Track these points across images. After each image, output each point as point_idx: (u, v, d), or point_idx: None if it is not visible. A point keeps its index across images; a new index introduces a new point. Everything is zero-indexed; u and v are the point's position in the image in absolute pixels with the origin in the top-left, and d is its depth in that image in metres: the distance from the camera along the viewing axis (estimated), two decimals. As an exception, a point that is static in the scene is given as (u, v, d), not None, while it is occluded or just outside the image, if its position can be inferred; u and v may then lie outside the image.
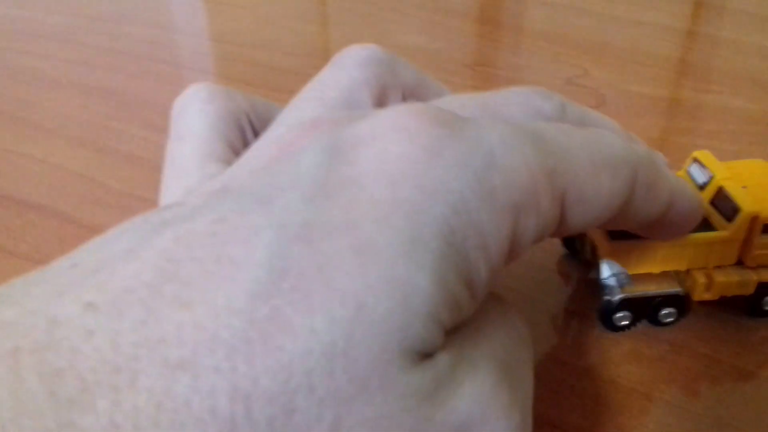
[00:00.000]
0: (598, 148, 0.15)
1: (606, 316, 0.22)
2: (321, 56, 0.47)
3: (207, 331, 0.10)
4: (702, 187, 0.23)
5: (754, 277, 0.22)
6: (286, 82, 0.43)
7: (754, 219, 0.21)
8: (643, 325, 0.23)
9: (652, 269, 0.22)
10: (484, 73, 0.44)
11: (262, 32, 0.51)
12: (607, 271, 0.22)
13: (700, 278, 0.22)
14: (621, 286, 0.22)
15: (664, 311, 0.22)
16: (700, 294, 0.22)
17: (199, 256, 0.11)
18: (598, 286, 0.22)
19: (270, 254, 0.11)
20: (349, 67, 0.19)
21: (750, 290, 0.22)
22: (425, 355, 0.11)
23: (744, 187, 0.22)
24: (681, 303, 0.22)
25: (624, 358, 0.22)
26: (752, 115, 0.38)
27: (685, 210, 0.19)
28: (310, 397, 0.10)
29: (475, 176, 0.12)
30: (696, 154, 0.24)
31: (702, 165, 0.24)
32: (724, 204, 0.22)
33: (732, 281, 0.22)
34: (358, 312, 0.10)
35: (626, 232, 0.21)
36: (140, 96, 0.41)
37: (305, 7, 0.57)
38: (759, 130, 0.36)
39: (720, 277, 0.22)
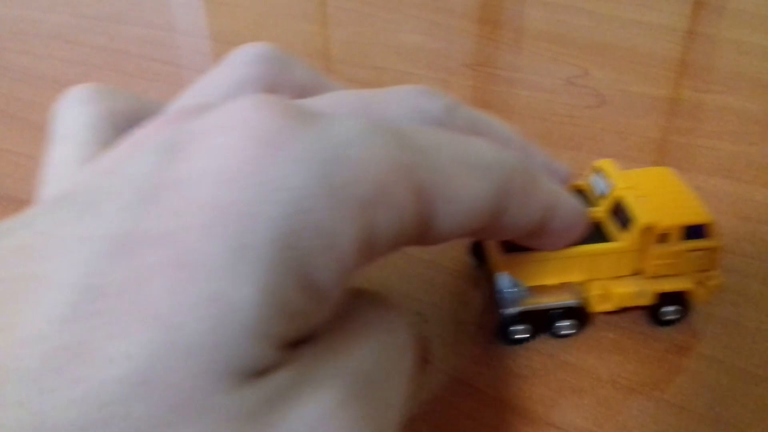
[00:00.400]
0: (466, 150, 0.15)
1: (502, 329, 0.22)
2: (321, 56, 0.47)
3: (9, 361, 0.09)
4: (602, 198, 0.23)
5: (652, 288, 0.22)
6: (286, 82, 0.43)
7: (648, 229, 0.21)
8: (542, 337, 0.22)
9: (549, 281, 0.22)
10: (484, 73, 0.44)
11: (261, 32, 0.51)
12: (502, 283, 0.22)
13: (597, 289, 0.22)
14: (517, 298, 0.21)
15: (562, 323, 0.22)
16: (597, 305, 0.22)
17: (5, 276, 0.10)
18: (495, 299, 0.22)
19: (84, 271, 0.10)
20: (237, 64, 0.18)
21: (649, 301, 0.22)
22: (259, 373, 0.10)
23: (643, 196, 0.22)
24: (579, 315, 0.22)
25: (624, 359, 0.22)
26: (752, 115, 0.38)
27: (566, 220, 0.19)
28: (124, 426, 0.09)
29: (320, 171, 0.11)
30: (598, 163, 0.24)
31: (603, 175, 0.23)
32: (620, 214, 0.22)
33: (629, 292, 0.22)
34: (172, 334, 0.10)
35: (512, 245, 0.21)
36: (141, 96, 0.41)
37: (305, 6, 0.57)
38: (759, 130, 0.36)
39: (617, 288, 0.22)
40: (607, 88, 0.41)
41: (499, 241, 0.22)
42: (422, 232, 0.14)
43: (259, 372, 0.10)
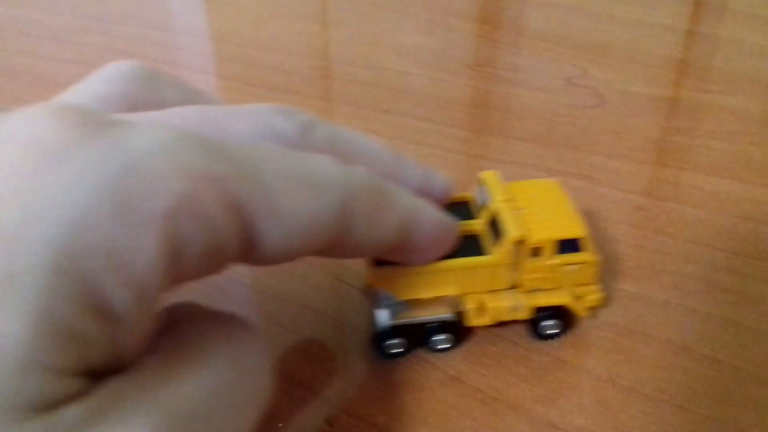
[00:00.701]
0: (301, 167, 0.15)
1: (376, 343, 0.22)
2: (321, 56, 0.47)
3: None
4: (484, 210, 0.23)
5: (529, 302, 0.22)
6: (287, 82, 0.43)
7: (519, 243, 0.21)
8: (420, 351, 0.22)
9: (424, 294, 0.21)
10: (483, 73, 0.44)
11: (262, 32, 0.51)
12: (376, 297, 0.21)
13: (472, 303, 0.22)
14: (392, 312, 0.21)
15: (438, 337, 0.22)
16: (473, 319, 0.22)
17: None
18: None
19: None
20: (98, 81, 0.18)
21: (526, 315, 0.22)
22: (52, 405, 0.10)
23: (521, 209, 0.22)
24: (454, 329, 0.22)
25: (624, 359, 0.22)
26: (752, 115, 0.38)
27: (428, 234, 0.19)
28: None
29: (107, 185, 0.11)
30: (481, 174, 0.24)
31: (484, 187, 0.23)
32: (496, 227, 0.22)
33: (505, 306, 0.22)
34: None
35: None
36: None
37: (305, 7, 0.57)
38: (759, 130, 0.36)
39: (492, 302, 0.22)
40: (607, 88, 0.41)
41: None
42: (247, 249, 0.14)
43: (51, 404, 0.10)
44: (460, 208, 0.23)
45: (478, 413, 0.20)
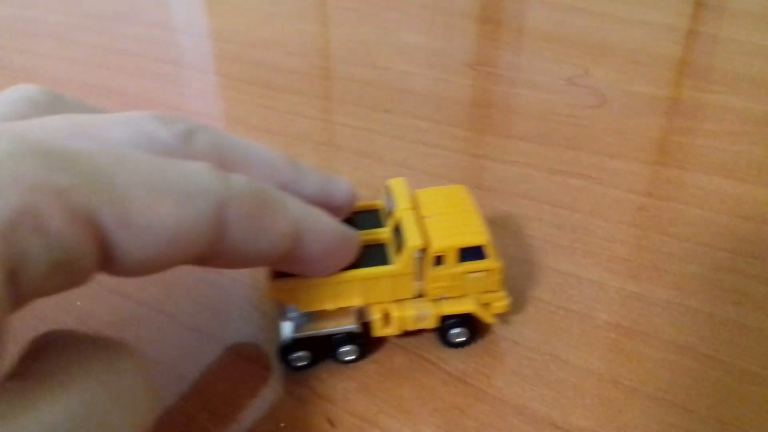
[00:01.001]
0: (166, 175, 0.14)
1: (281, 356, 0.21)
2: (321, 56, 0.47)
3: None
4: (389, 218, 0.22)
5: (434, 311, 0.21)
6: (287, 82, 0.43)
7: (420, 252, 0.21)
8: (326, 363, 0.22)
9: (328, 306, 0.21)
10: (484, 73, 0.44)
11: (262, 31, 0.51)
12: (280, 310, 0.21)
13: (376, 314, 0.21)
14: (296, 325, 0.21)
15: (344, 349, 0.21)
16: (379, 330, 0.21)
17: None
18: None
19: None
20: None
21: (433, 324, 0.22)
22: None
23: (425, 217, 0.22)
24: (360, 340, 0.21)
25: (626, 359, 0.22)
26: (753, 114, 0.38)
27: (321, 244, 0.18)
28: None
29: None
30: (389, 182, 0.23)
31: (391, 194, 0.23)
32: (399, 236, 0.21)
33: (410, 315, 0.21)
34: None
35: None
36: (141, 95, 0.41)
37: (306, 6, 0.57)
38: (760, 129, 0.36)
39: (397, 312, 0.21)
40: (608, 88, 0.41)
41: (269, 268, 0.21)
42: (104, 261, 0.13)
43: None
44: (370, 216, 0.23)
45: (481, 413, 0.20)
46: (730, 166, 0.33)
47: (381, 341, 0.22)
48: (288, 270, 0.20)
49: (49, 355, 0.13)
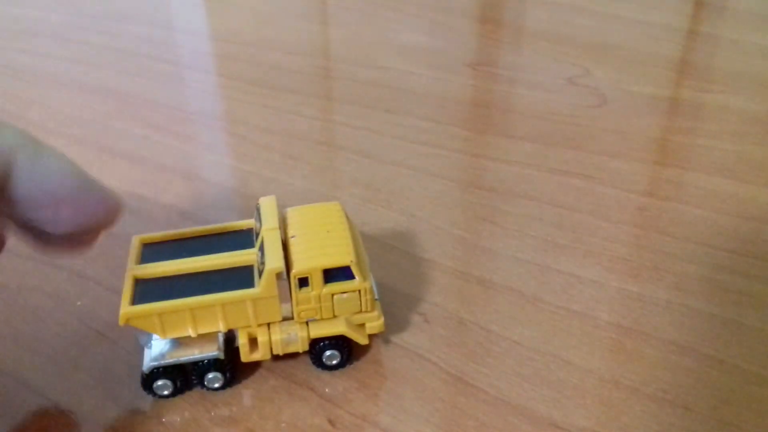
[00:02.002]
0: None
1: (144, 385, 0.20)
2: (321, 55, 0.47)
3: None
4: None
5: (303, 334, 0.21)
6: (287, 81, 0.43)
7: (279, 275, 0.20)
8: (197, 391, 0.21)
9: (189, 332, 0.20)
10: (484, 73, 0.44)
11: (262, 31, 0.51)
12: (141, 338, 0.21)
13: (242, 338, 0.21)
14: (159, 353, 0.20)
15: (210, 376, 0.20)
16: (246, 355, 0.21)
17: None
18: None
19: None
20: None
21: (303, 347, 0.21)
22: None
23: (293, 236, 0.21)
24: (226, 366, 0.20)
25: (627, 359, 0.22)
26: (754, 114, 0.38)
27: (41, 184, 0.16)
28: None
29: None
30: (260, 200, 0.23)
31: (259, 213, 0.22)
32: (262, 258, 0.20)
33: (276, 340, 0.21)
34: None
35: (157, 290, 0.20)
36: (141, 95, 0.41)
37: (306, 5, 0.57)
38: (761, 129, 0.36)
39: (262, 337, 0.21)
40: (609, 88, 0.41)
41: (126, 292, 0.20)
42: None
43: None
44: (242, 237, 0.22)
45: (482, 413, 0.20)
46: (730, 166, 0.33)
47: (290, 357, 0.22)
48: (16, 219, 0.17)
49: None
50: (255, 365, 0.22)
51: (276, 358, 0.21)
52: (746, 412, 0.20)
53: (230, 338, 0.21)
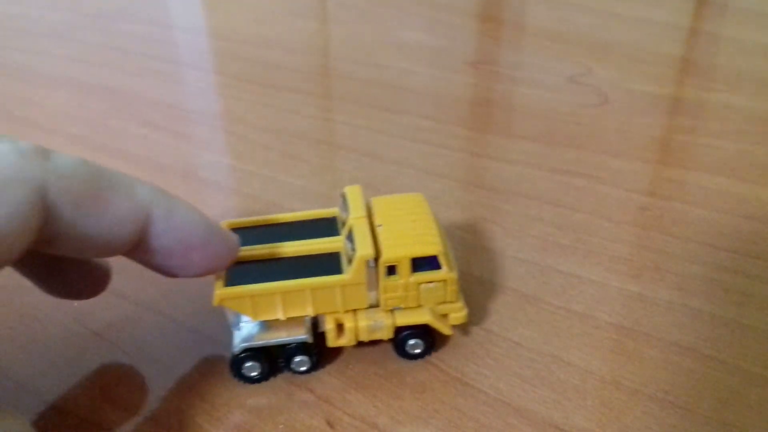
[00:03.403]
0: None
1: (233, 367, 0.21)
2: (321, 54, 0.47)
3: None
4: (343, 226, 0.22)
5: (388, 321, 0.21)
6: (286, 80, 0.42)
7: (369, 262, 0.20)
8: (285, 374, 0.21)
9: (279, 315, 0.21)
10: (485, 71, 0.43)
11: (261, 29, 0.51)
12: (231, 319, 0.21)
13: (329, 324, 0.21)
14: (247, 334, 0.20)
15: (297, 359, 0.21)
16: (332, 341, 0.21)
17: None
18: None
19: None
20: None
21: (388, 335, 0.21)
22: None
23: (379, 225, 0.21)
24: (312, 350, 0.21)
25: (628, 360, 0.22)
26: (756, 113, 0.37)
27: (177, 235, 0.17)
28: None
29: None
30: (345, 189, 0.23)
31: (345, 202, 0.22)
32: (351, 245, 0.21)
33: (363, 326, 0.21)
34: None
35: (248, 273, 0.20)
36: (139, 94, 0.41)
37: (305, 3, 0.57)
38: (763, 129, 0.36)
39: (350, 323, 0.21)
40: (610, 87, 0.41)
41: (223, 272, 0.20)
42: None
43: None
44: (326, 225, 0.23)
45: (481, 415, 0.20)
46: (732, 166, 0.32)
47: (338, 350, 0.22)
48: (147, 263, 0.19)
49: None
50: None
51: (360, 344, 0.22)
52: (748, 413, 0.20)
53: (315, 323, 0.21)
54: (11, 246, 0.14)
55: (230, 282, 0.20)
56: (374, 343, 0.22)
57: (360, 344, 0.22)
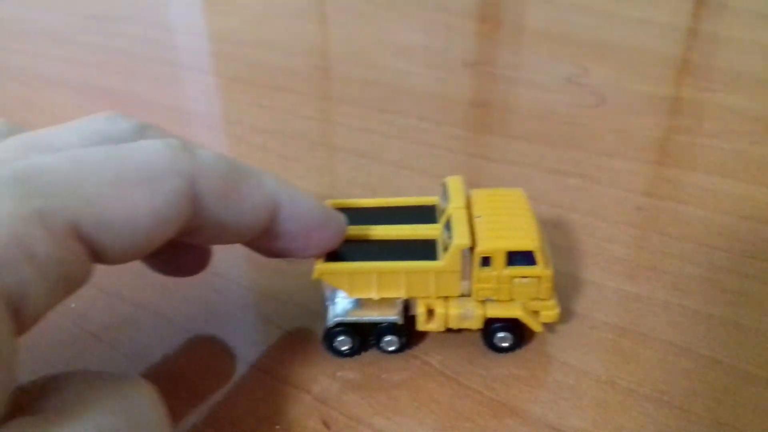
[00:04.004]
0: (128, 163, 0.15)
1: (325, 339, 0.22)
2: (319, 55, 0.47)
3: None
4: (442, 215, 0.22)
5: (479, 312, 0.21)
6: (285, 81, 0.42)
7: (469, 251, 0.21)
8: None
9: (373, 294, 0.21)
10: (483, 72, 0.44)
11: (260, 31, 0.51)
12: (327, 293, 0.22)
13: (420, 308, 0.21)
14: (342, 309, 0.21)
15: (387, 338, 0.22)
16: (422, 324, 0.21)
17: None
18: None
19: None
20: None
21: (477, 325, 0.21)
22: None
23: (478, 217, 0.22)
24: (402, 332, 0.21)
25: (624, 360, 0.22)
26: (753, 113, 0.37)
27: (300, 219, 0.19)
28: None
29: None
30: (446, 179, 0.23)
31: (446, 191, 0.23)
32: (448, 233, 0.21)
33: (454, 314, 0.21)
34: None
35: (346, 251, 0.21)
36: (138, 96, 0.41)
37: (304, 5, 0.57)
38: (760, 129, 0.36)
39: (441, 309, 0.21)
40: (608, 87, 0.41)
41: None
42: (93, 261, 0.14)
43: None
44: (425, 212, 0.23)
45: (477, 415, 0.20)
46: (730, 166, 0.32)
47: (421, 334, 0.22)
48: (270, 247, 0.20)
49: (62, 391, 0.14)
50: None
51: (448, 331, 0.22)
52: (743, 413, 0.20)
53: (406, 306, 0.22)
54: (164, 233, 0.15)
55: (329, 258, 0.21)
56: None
57: (449, 331, 0.22)
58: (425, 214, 0.23)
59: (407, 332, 0.22)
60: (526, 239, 0.21)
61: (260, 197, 0.18)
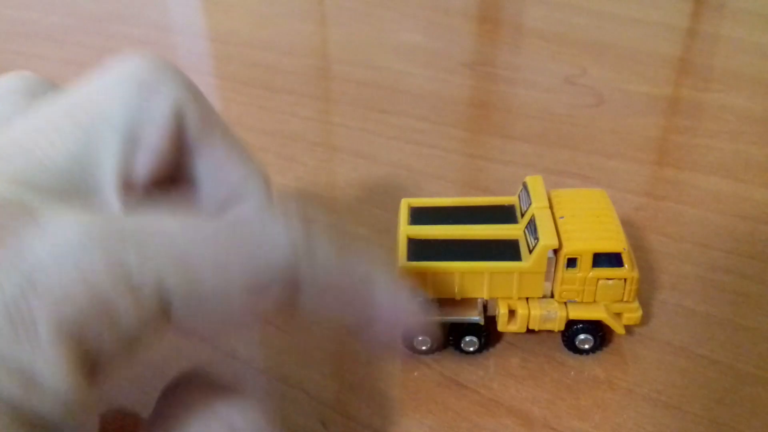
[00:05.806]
0: (238, 240, 0.13)
1: (406, 338, 0.21)
2: (319, 55, 0.47)
3: None
4: (523, 215, 0.22)
5: (561, 313, 0.21)
6: (283, 82, 0.42)
7: (555, 252, 0.20)
8: (451, 350, 0.22)
9: (455, 295, 0.21)
10: (482, 73, 0.44)
11: (259, 32, 0.51)
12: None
13: (502, 309, 0.21)
14: (422, 309, 0.20)
15: (467, 339, 0.21)
16: (504, 325, 0.21)
17: None
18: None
19: None
20: None
21: (559, 326, 0.21)
22: None
23: (562, 217, 0.21)
24: (482, 332, 0.21)
25: (621, 359, 0.22)
26: (752, 114, 0.37)
27: (381, 305, 0.16)
28: None
29: (5, 307, 0.10)
30: (526, 179, 0.23)
31: (527, 191, 0.23)
32: (532, 234, 0.21)
33: (536, 315, 0.21)
34: None
35: (427, 251, 0.21)
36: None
37: (303, 6, 0.57)
38: (758, 129, 0.36)
39: (523, 310, 0.21)
40: (606, 87, 0.41)
41: (402, 249, 0.21)
42: (164, 322, 0.13)
43: None
44: (504, 211, 0.23)
45: (475, 415, 0.20)
46: (728, 166, 0.32)
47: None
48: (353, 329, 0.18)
49: (184, 399, 0.14)
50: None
51: (529, 332, 0.22)
52: (741, 413, 0.20)
53: (486, 306, 0.22)
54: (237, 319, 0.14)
55: (411, 257, 0.21)
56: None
57: (531, 332, 0.22)
58: (505, 213, 0.23)
59: (486, 333, 0.22)
60: (614, 241, 0.21)
61: (360, 307, 0.15)
